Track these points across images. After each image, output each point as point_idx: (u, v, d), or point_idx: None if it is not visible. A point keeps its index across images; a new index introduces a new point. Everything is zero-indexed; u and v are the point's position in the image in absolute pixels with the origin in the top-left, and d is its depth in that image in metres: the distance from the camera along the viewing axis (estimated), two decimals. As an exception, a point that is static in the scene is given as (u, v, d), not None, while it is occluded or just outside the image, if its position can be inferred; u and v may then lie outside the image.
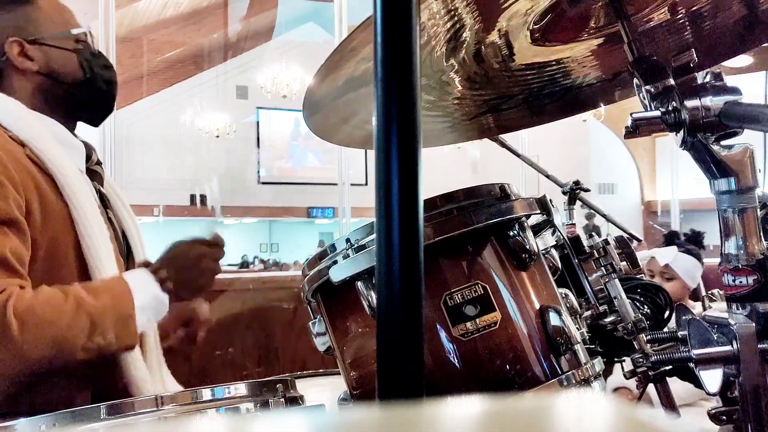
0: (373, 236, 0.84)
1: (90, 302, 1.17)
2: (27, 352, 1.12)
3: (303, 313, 1.04)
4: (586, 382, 0.87)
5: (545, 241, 0.97)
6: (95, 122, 1.47)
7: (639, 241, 2.34)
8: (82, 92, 1.40)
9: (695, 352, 0.83)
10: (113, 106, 1.47)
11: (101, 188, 1.42)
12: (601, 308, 1.03)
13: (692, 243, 2.69)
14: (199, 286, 1.33)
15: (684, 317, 0.93)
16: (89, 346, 1.15)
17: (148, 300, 1.23)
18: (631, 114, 0.84)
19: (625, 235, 1.22)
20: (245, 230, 17.15)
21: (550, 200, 0.96)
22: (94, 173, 1.41)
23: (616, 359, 1.09)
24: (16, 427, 0.81)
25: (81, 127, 1.46)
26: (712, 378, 0.81)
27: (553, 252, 0.98)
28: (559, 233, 1.00)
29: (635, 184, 15.31)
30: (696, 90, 0.82)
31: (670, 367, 0.96)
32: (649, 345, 0.99)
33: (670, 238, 2.75)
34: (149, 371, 1.33)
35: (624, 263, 1.06)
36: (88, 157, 1.41)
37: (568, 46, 1.05)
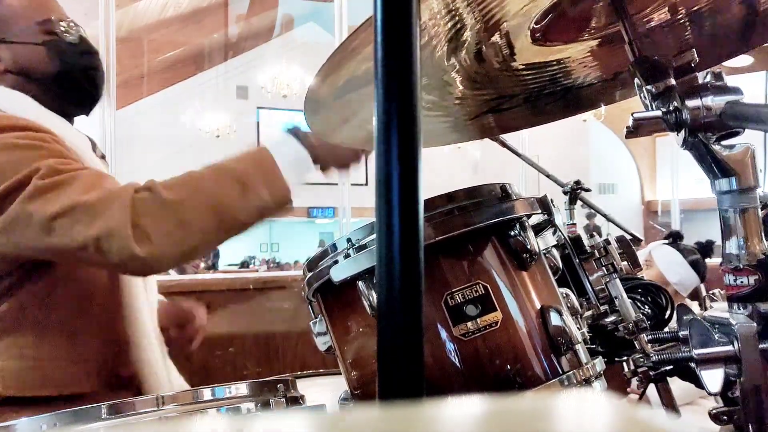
0: (374, 236, 0.84)
1: (230, 164, 1.19)
2: (190, 218, 1.13)
3: (303, 313, 1.04)
4: (586, 382, 0.87)
5: (546, 240, 0.97)
6: (85, 112, 1.44)
7: (640, 240, 2.34)
8: (59, 85, 1.36)
9: (696, 352, 0.83)
10: (100, 93, 1.43)
11: None
12: (602, 308, 1.03)
13: (699, 251, 2.64)
14: (345, 158, 1.29)
15: (685, 317, 0.93)
16: (247, 206, 1.16)
17: (291, 157, 1.21)
18: (632, 114, 0.84)
19: (626, 235, 1.22)
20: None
21: (551, 200, 0.96)
22: None
23: (617, 359, 1.09)
24: (16, 427, 0.81)
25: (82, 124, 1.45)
26: (713, 378, 0.81)
27: (554, 252, 0.98)
28: (560, 233, 1.00)
29: (636, 184, 15.32)
30: (697, 90, 0.82)
31: (671, 367, 0.96)
32: (650, 345, 0.99)
33: (670, 237, 2.73)
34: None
35: (625, 263, 1.05)
36: (92, 151, 1.41)
37: (569, 46, 1.05)
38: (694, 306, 2.52)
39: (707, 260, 2.66)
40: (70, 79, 1.37)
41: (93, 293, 1.30)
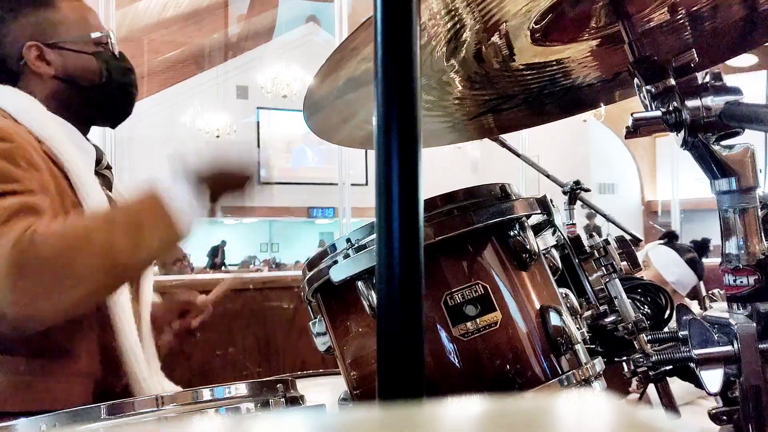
0: (374, 236, 0.84)
1: (123, 212, 1.16)
2: (77, 272, 1.07)
3: (303, 313, 1.04)
4: (586, 382, 0.87)
5: (546, 240, 0.97)
6: (113, 125, 1.48)
7: (639, 241, 2.34)
8: (99, 96, 1.39)
9: (696, 352, 0.83)
10: (131, 109, 1.46)
11: (109, 193, 1.43)
12: (601, 308, 1.03)
13: (695, 249, 2.64)
14: (236, 183, 1.22)
15: (685, 317, 0.93)
16: (140, 254, 1.11)
17: (184, 196, 1.15)
18: (632, 114, 0.84)
19: (626, 235, 1.22)
20: (245, 230, 17.15)
21: (551, 200, 0.96)
22: (103, 177, 1.41)
23: (616, 359, 1.09)
24: (16, 427, 0.81)
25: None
26: (713, 378, 0.81)
27: (554, 252, 0.98)
28: (559, 233, 1.00)
29: (635, 184, 15.31)
30: (697, 90, 0.82)
31: (671, 367, 0.96)
32: (649, 345, 0.99)
33: (666, 237, 2.73)
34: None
35: (624, 263, 1.05)
36: (98, 161, 1.41)
37: (568, 46, 1.05)
38: (694, 305, 2.52)
39: (704, 260, 2.66)
40: (112, 92, 1.40)
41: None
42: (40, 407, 1.19)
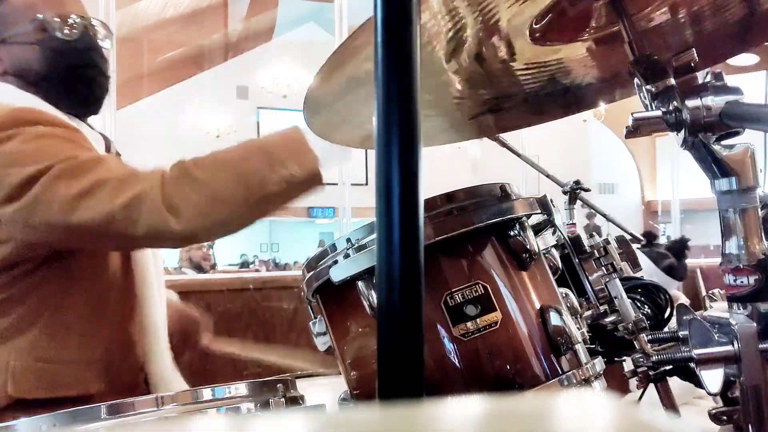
0: (374, 236, 0.84)
1: (258, 140, 1.23)
2: (217, 190, 1.14)
3: (303, 313, 1.04)
4: (586, 382, 0.86)
5: (546, 240, 0.97)
6: (87, 112, 1.39)
7: (639, 241, 2.34)
8: (50, 85, 1.31)
9: (696, 352, 0.83)
10: (99, 91, 1.36)
11: None
12: (601, 308, 1.03)
13: (673, 250, 2.61)
14: None
15: (685, 317, 0.93)
16: (274, 177, 1.16)
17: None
18: (632, 113, 0.84)
19: (626, 235, 1.22)
20: (245, 230, 17.13)
21: (551, 200, 0.96)
22: None
23: (616, 359, 1.09)
24: (16, 427, 0.81)
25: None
26: (713, 378, 0.81)
27: (554, 252, 0.98)
28: (559, 233, 1.00)
29: (635, 183, 15.32)
30: (697, 89, 0.82)
31: (671, 367, 0.96)
32: (649, 345, 0.99)
33: (645, 237, 2.71)
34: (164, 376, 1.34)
35: (624, 263, 1.05)
36: (107, 149, 1.41)
37: (568, 45, 1.05)
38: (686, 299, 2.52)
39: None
40: (62, 79, 1.31)
41: (107, 295, 1.30)
42: (57, 393, 1.21)
